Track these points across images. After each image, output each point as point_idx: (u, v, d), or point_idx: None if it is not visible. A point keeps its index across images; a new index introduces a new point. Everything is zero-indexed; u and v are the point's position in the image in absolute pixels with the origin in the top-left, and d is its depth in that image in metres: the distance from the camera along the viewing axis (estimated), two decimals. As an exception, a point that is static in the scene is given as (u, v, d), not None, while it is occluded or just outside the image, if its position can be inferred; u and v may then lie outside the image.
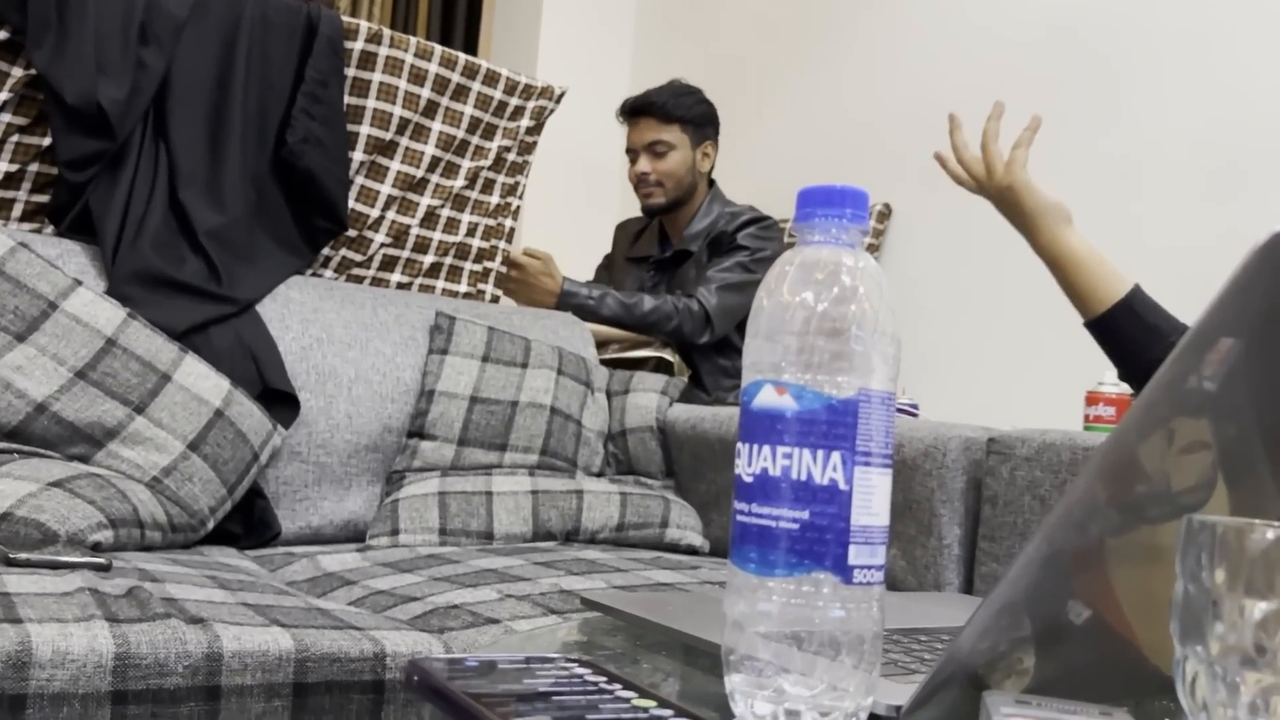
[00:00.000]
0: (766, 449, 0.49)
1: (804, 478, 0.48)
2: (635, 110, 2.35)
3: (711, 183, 2.42)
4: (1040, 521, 1.25)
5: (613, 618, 0.72)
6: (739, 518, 0.50)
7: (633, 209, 2.45)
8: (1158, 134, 2.07)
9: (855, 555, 0.48)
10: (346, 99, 1.70)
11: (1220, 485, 0.56)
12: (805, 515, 0.48)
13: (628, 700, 0.46)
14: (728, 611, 0.50)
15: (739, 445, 0.51)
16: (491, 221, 1.96)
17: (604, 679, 0.50)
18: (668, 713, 0.45)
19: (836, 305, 0.50)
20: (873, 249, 2.55)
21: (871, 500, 0.49)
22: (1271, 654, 0.43)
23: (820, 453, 0.48)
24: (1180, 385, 0.51)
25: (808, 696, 0.49)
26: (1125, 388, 1.69)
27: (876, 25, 2.70)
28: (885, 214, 2.57)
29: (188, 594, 0.94)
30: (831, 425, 0.49)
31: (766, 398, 0.50)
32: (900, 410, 2.01)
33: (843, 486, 0.48)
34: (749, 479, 0.50)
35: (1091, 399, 1.79)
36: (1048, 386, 1.97)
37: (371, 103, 1.73)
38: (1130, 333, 1.19)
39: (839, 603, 0.48)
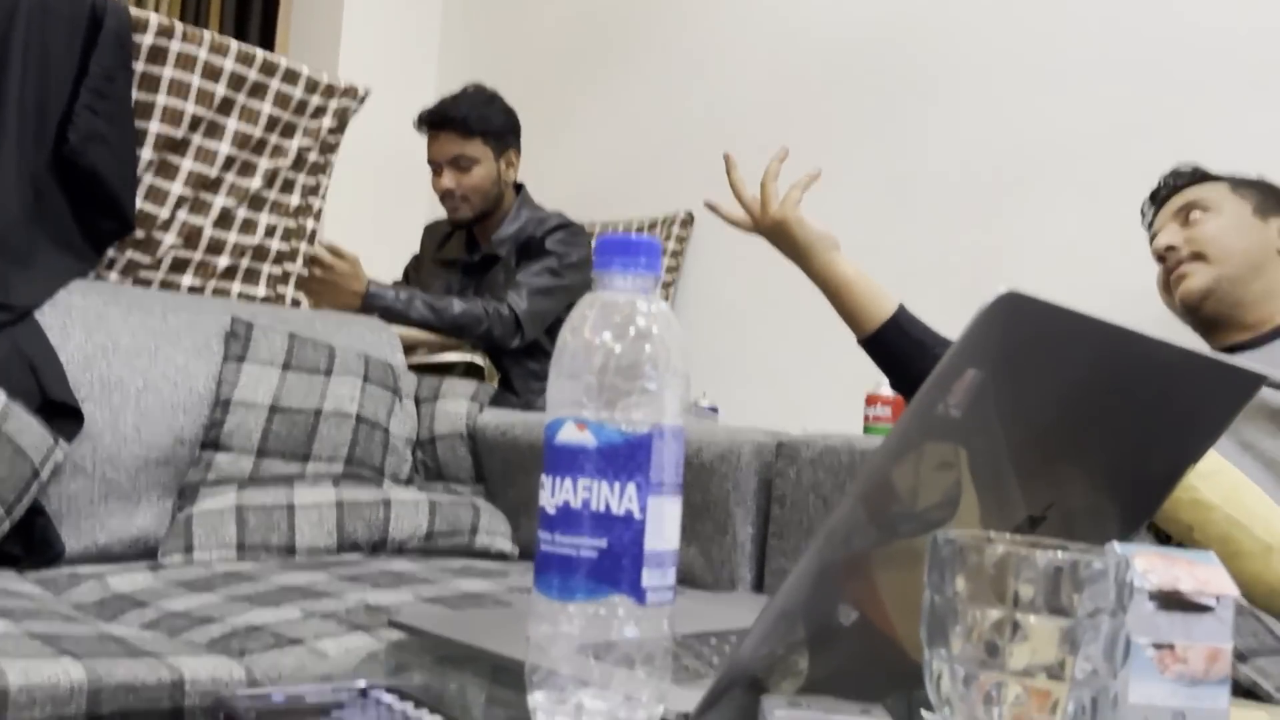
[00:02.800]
0: (568, 481, 0.53)
1: (602, 508, 0.52)
2: (435, 123, 2.32)
3: (519, 188, 2.43)
4: (820, 523, 1.35)
5: (419, 637, 0.74)
6: (543, 547, 0.54)
7: (441, 210, 2.44)
8: (929, 152, 2.24)
9: (648, 578, 0.53)
10: (135, 95, 1.62)
11: (968, 498, 0.64)
12: (603, 543, 0.52)
13: (437, 726, 0.49)
14: (531, 635, 0.54)
15: (543, 478, 0.54)
16: (291, 222, 1.91)
17: (411, 705, 0.52)
18: (475, 735, 0.48)
19: (632, 347, 0.54)
20: (676, 255, 2.64)
21: (663, 526, 0.53)
22: (1002, 654, 0.50)
23: (617, 484, 0.52)
24: (929, 413, 0.58)
25: (604, 709, 0.53)
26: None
27: (676, 37, 2.79)
28: (688, 221, 2.66)
29: (-37, 627, 0.89)
30: (628, 459, 0.53)
31: (568, 434, 0.53)
32: (702, 412, 2.10)
33: (638, 516, 0.53)
34: (552, 510, 0.53)
35: (870, 400, 1.93)
36: (837, 385, 2.10)
37: (162, 99, 1.65)
38: (898, 348, 1.30)
39: (633, 622, 0.52)
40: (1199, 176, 1.56)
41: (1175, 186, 1.56)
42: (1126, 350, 0.59)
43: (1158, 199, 1.60)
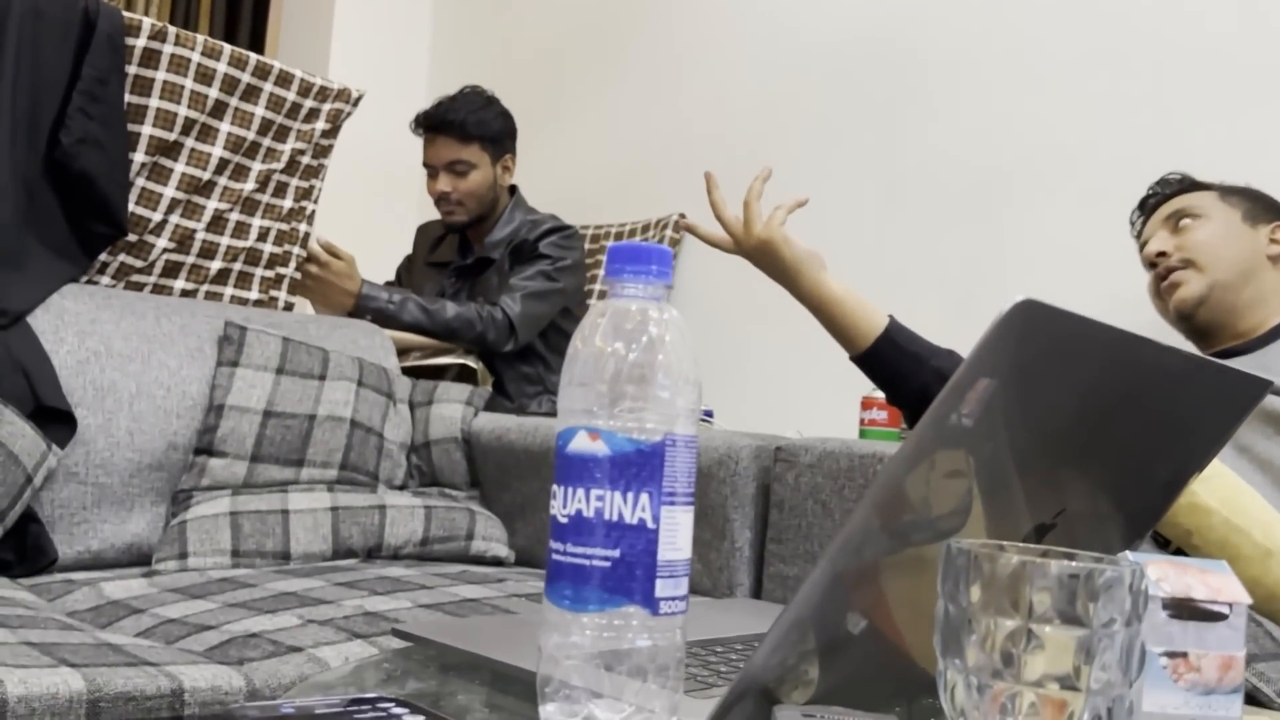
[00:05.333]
0: (581, 491, 0.53)
1: (615, 518, 0.52)
2: (433, 126, 2.30)
3: (513, 190, 2.43)
4: (819, 528, 1.34)
5: (423, 647, 0.73)
6: (554, 556, 0.53)
7: (433, 211, 2.43)
8: (923, 156, 2.25)
9: (662, 588, 0.52)
10: (128, 98, 1.61)
11: (978, 506, 0.64)
12: (616, 553, 0.52)
13: (449, 738, 0.48)
14: (543, 645, 0.53)
15: (554, 488, 0.54)
16: (284, 226, 1.90)
17: (423, 718, 0.52)
18: (489, 748, 0.47)
19: (644, 355, 0.54)
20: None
21: (676, 536, 0.53)
22: (1017, 664, 0.50)
23: (630, 494, 0.52)
24: (943, 423, 0.58)
25: (618, 720, 0.53)
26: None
27: (669, 39, 2.79)
28: (681, 224, 2.65)
29: (-42, 637, 0.88)
30: (640, 468, 0.52)
31: (580, 443, 0.53)
32: (695, 416, 2.10)
33: (651, 525, 0.52)
34: (564, 520, 0.53)
35: (866, 403, 1.92)
36: (832, 388, 2.10)
37: (154, 102, 1.64)
38: (892, 363, 1.28)
39: (646, 633, 0.52)
40: (1187, 185, 1.56)
41: (1164, 195, 1.57)
42: (1136, 357, 0.59)
43: (1146, 207, 1.61)
